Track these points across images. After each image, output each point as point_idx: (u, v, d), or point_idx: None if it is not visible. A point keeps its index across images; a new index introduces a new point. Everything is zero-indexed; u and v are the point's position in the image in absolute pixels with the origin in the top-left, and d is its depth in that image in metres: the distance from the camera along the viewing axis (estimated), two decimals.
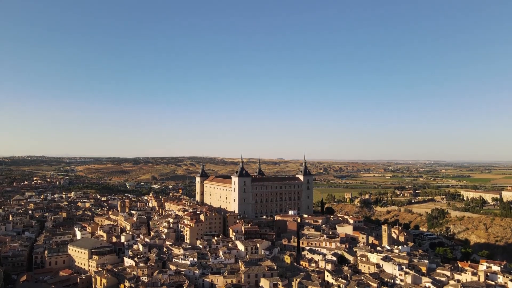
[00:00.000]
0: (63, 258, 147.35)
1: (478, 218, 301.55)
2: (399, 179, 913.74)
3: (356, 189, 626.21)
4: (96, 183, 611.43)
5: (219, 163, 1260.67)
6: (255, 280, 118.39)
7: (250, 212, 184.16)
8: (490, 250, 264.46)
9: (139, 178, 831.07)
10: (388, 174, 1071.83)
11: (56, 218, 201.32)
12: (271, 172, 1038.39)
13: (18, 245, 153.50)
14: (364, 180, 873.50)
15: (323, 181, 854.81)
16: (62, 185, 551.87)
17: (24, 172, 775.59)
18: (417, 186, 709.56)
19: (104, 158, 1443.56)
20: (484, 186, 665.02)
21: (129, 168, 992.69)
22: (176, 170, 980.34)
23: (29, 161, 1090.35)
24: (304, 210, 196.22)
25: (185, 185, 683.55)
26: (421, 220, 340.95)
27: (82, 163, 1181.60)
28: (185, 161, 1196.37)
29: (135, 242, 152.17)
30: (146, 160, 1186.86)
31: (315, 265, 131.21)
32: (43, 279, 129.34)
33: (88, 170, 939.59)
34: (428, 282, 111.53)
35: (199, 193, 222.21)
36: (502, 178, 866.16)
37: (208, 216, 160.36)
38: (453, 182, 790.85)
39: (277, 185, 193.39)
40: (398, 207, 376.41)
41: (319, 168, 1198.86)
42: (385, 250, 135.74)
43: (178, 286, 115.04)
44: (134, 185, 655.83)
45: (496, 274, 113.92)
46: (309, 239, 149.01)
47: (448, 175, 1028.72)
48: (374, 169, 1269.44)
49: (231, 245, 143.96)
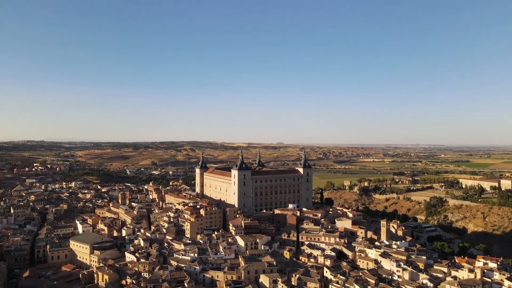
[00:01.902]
0: (65, 253, 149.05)
1: (476, 207, 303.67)
2: (398, 164, 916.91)
3: (355, 175, 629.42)
4: (96, 170, 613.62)
5: (219, 148, 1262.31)
6: (255, 276, 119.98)
7: (250, 205, 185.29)
8: (487, 239, 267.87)
9: (139, 163, 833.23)
10: (387, 159, 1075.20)
11: (57, 210, 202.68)
12: (271, 157, 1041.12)
13: (20, 239, 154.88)
14: (364, 166, 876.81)
15: (322, 167, 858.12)
16: (63, 172, 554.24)
17: (24, 158, 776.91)
18: (416, 171, 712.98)
19: (104, 142, 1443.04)
20: (483, 172, 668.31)
21: (129, 153, 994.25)
22: (176, 155, 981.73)
23: (29, 146, 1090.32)
24: (303, 202, 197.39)
25: (185, 171, 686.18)
26: (420, 208, 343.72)
27: (82, 148, 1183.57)
28: (185, 146, 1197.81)
29: (136, 236, 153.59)
30: (146, 145, 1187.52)
31: (314, 261, 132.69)
32: (46, 274, 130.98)
33: (88, 155, 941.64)
34: (425, 279, 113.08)
35: (199, 185, 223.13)
36: (501, 163, 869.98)
37: (208, 211, 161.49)
38: (452, 168, 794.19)
39: (276, 178, 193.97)
40: (397, 194, 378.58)
41: (319, 153, 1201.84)
42: (383, 246, 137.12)
43: (179, 282, 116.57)
44: (134, 171, 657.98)
45: (492, 271, 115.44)
46: (309, 233, 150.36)
47: (447, 160, 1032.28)
48: (374, 154, 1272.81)
49: (231, 240, 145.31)
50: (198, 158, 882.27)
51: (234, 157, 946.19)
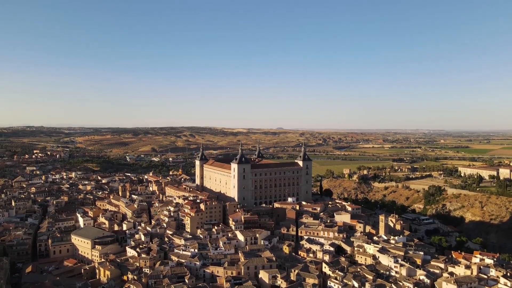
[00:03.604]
0: (67, 247, 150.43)
1: (474, 196, 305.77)
2: (398, 150, 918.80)
3: (354, 162, 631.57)
4: (96, 157, 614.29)
5: (218, 133, 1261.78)
6: (254, 272, 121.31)
7: (249, 198, 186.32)
8: (485, 228, 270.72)
9: (139, 150, 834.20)
10: (387, 145, 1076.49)
11: (58, 203, 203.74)
12: (271, 143, 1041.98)
13: (22, 233, 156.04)
14: (363, 152, 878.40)
15: (322, 153, 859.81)
16: (63, 159, 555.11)
17: (24, 144, 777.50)
18: (416, 158, 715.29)
19: (104, 128, 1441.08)
20: (482, 158, 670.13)
21: (129, 139, 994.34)
22: (175, 141, 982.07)
23: (28, 132, 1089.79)
24: (303, 195, 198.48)
25: (184, 158, 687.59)
26: (418, 196, 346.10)
27: (81, 134, 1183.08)
28: (185, 132, 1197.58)
29: (137, 231, 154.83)
30: (145, 131, 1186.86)
31: (313, 256, 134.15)
32: (48, 269, 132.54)
33: (88, 141, 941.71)
34: (423, 275, 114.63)
35: (199, 177, 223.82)
36: (500, 149, 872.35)
37: (208, 206, 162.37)
38: (451, 154, 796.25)
39: (276, 171, 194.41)
40: (396, 183, 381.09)
41: (318, 138, 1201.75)
42: (381, 241, 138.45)
43: (180, 278, 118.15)
44: (134, 158, 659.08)
45: (489, 267, 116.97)
46: (308, 228, 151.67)
47: (446, 145, 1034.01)
48: (373, 140, 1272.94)
49: (231, 235, 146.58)
50: (198, 144, 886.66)
51: (234, 143, 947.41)
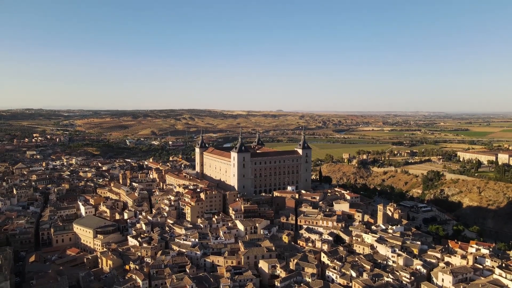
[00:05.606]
0: (69, 236, 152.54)
1: (472, 181, 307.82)
2: (398, 133, 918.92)
3: (354, 145, 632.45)
4: (96, 141, 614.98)
5: (218, 116, 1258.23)
6: (254, 261, 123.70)
7: (249, 187, 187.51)
8: (482, 213, 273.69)
9: (138, 133, 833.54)
10: (386, 128, 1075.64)
11: (60, 190, 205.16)
12: (270, 126, 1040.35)
13: (24, 222, 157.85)
14: (363, 135, 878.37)
15: (321, 136, 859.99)
16: (63, 143, 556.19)
17: (24, 128, 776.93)
18: (415, 141, 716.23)
19: (103, 110, 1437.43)
20: (481, 141, 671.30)
21: (128, 122, 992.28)
22: (175, 124, 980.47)
23: (27, 115, 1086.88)
24: (302, 183, 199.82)
25: (184, 141, 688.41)
26: (417, 181, 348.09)
27: (81, 117, 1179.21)
28: (184, 114, 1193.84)
29: (138, 220, 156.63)
30: (145, 113, 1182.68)
31: (312, 245, 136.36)
32: (51, 258, 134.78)
33: (87, 124, 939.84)
34: (419, 265, 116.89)
35: (199, 164, 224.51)
36: (500, 132, 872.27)
37: (208, 195, 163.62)
38: (451, 137, 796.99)
39: (276, 160, 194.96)
40: (395, 168, 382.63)
41: (318, 121, 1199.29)
42: (379, 231, 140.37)
43: (181, 267, 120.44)
44: (134, 142, 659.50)
45: (484, 257, 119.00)
46: (307, 217, 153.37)
47: (446, 128, 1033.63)
48: (373, 122, 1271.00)
49: (231, 224, 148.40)
50: (198, 127, 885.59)
51: (233, 126, 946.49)
